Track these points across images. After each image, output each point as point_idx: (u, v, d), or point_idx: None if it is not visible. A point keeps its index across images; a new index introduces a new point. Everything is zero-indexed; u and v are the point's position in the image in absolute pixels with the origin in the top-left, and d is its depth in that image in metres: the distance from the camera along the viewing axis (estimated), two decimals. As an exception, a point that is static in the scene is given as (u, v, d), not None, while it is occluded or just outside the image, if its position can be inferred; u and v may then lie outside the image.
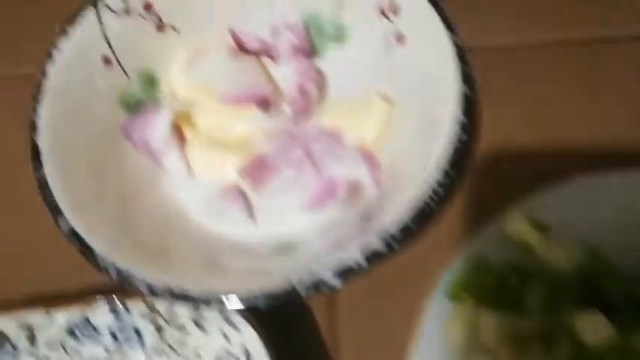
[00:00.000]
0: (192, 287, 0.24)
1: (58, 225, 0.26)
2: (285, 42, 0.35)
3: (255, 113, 0.32)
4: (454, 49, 0.28)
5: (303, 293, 0.23)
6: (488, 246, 0.30)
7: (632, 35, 0.38)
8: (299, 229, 0.30)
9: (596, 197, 0.31)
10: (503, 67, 0.37)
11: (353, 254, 0.23)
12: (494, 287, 0.28)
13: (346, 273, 0.23)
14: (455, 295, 0.28)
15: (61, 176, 0.27)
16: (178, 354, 0.26)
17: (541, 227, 0.28)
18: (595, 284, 0.27)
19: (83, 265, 0.27)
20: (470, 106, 0.26)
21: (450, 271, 0.29)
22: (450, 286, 0.28)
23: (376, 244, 0.23)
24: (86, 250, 0.25)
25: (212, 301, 0.23)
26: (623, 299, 0.26)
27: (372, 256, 0.23)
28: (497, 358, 0.26)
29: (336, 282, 0.23)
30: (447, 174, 0.25)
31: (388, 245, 0.23)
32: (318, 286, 0.23)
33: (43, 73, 0.29)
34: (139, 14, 0.33)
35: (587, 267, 0.27)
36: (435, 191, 0.25)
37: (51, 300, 0.27)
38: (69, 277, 0.30)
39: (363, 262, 0.23)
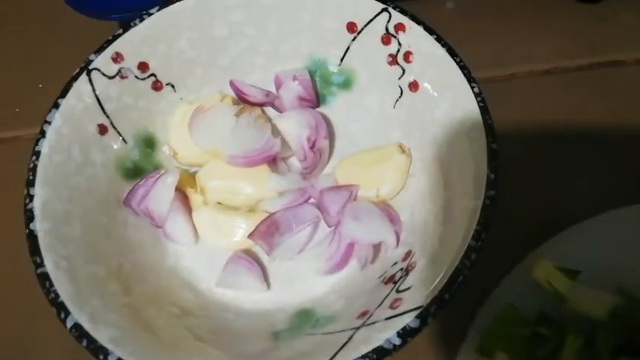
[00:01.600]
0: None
1: (64, 323, 0.24)
2: (291, 93, 0.33)
3: (265, 174, 0.31)
4: (476, 99, 0.27)
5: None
6: (515, 295, 0.29)
7: (636, 58, 0.38)
8: (317, 293, 0.29)
9: (622, 234, 0.30)
10: (512, 96, 0.36)
11: (386, 333, 0.22)
12: (527, 340, 0.27)
13: (382, 354, 0.22)
14: (486, 350, 0.27)
15: (61, 268, 0.25)
16: None
17: (570, 274, 0.27)
18: (631, 329, 0.26)
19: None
20: (495, 159, 0.25)
21: (477, 323, 0.28)
22: (480, 340, 0.27)
23: (410, 320, 0.22)
24: (95, 347, 0.23)
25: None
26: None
27: (407, 334, 0.22)
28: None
29: (370, 365, 0.21)
30: (478, 236, 0.24)
31: (423, 321, 0.22)
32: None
33: (36, 153, 0.27)
34: (134, 75, 0.32)
35: (621, 311, 0.26)
36: (467, 256, 0.23)
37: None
38: None
39: (398, 342, 0.22)
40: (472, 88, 0.28)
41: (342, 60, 0.33)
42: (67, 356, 0.30)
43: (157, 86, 0.32)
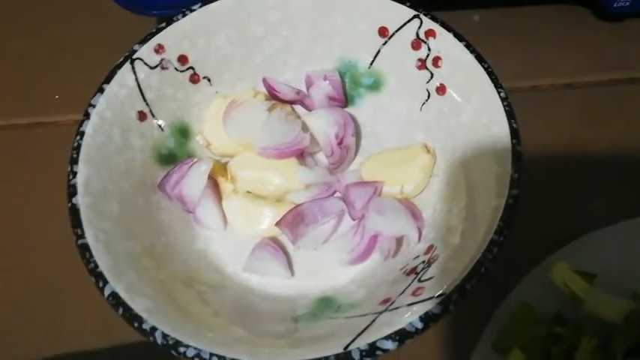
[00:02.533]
0: (244, 356, 0.23)
1: (102, 291, 0.25)
2: (321, 92, 0.35)
3: (294, 167, 0.32)
4: (502, 103, 0.28)
5: (358, 358, 0.22)
6: (533, 294, 0.29)
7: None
8: (339, 283, 0.30)
9: (635, 242, 0.31)
10: (533, 108, 0.38)
11: (409, 317, 0.23)
12: (543, 338, 0.27)
13: (404, 337, 0.22)
14: (502, 346, 0.27)
15: (101, 240, 0.26)
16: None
17: (587, 277, 0.28)
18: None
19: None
20: (520, 162, 0.26)
21: (494, 321, 0.29)
22: (497, 337, 0.28)
23: (432, 306, 0.23)
24: (131, 315, 0.24)
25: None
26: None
27: (429, 318, 0.23)
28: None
29: (392, 346, 0.22)
30: (501, 231, 0.25)
31: (445, 307, 0.23)
32: (373, 351, 0.22)
33: (80, 133, 0.29)
34: (174, 67, 0.33)
35: (637, 316, 0.27)
36: (490, 250, 0.24)
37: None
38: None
39: (420, 326, 0.23)
40: (499, 93, 0.29)
41: (372, 63, 0.35)
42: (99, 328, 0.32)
43: (194, 79, 0.34)
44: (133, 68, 0.32)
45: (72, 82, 0.36)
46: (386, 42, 0.34)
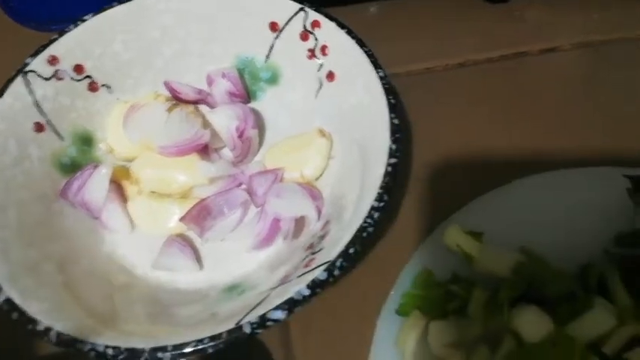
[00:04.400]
0: (140, 344, 0.23)
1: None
2: (221, 89, 0.36)
3: (196, 162, 0.33)
4: (380, 82, 0.30)
5: (249, 331, 0.23)
6: (430, 259, 0.31)
7: (542, 48, 0.42)
8: (247, 270, 0.31)
9: (522, 200, 0.33)
10: (429, 88, 0.40)
11: (297, 287, 0.24)
12: (440, 298, 0.29)
13: (292, 305, 0.23)
14: (403, 310, 0.29)
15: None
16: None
17: (476, 236, 0.30)
18: (530, 283, 0.28)
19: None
20: (398, 133, 0.28)
21: (397, 288, 0.30)
22: (398, 303, 0.29)
23: (318, 273, 0.24)
24: (25, 318, 0.24)
25: (159, 355, 0.23)
26: (555, 293, 0.27)
27: (316, 285, 0.24)
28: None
29: (281, 315, 0.23)
30: (381, 197, 0.26)
31: (330, 273, 0.24)
32: (264, 322, 0.23)
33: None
34: (70, 77, 0.34)
35: (523, 267, 0.29)
36: (370, 216, 0.26)
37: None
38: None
39: (307, 293, 0.24)
40: (378, 72, 0.30)
41: (267, 57, 0.36)
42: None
43: (93, 87, 0.35)
44: (27, 81, 0.32)
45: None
46: (277, 36, 0.35)
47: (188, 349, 0.23)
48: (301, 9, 0.34)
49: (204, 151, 0.34)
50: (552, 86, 0.40)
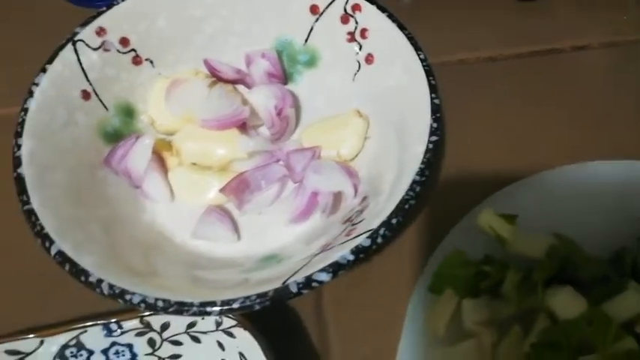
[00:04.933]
0: (186, 298, 0.24)
1: (48, 251, 0.26)
2: (260, 69, 0.37)
3: (236, 137, 0.34)
4: (421, 64, 0.30)
5: (295, 290, 0.24)
6: (463, 240, 0.31)
7: (572, 45, 0.43)
8: (283, 242, 0.32)
9: (555, 189, 0.33)
10: (461, 80, 0.40)
11: (341, 252, 0.25)
12: (472, 278, 0.29)
13: (337, 268, 0.24)
14: (436, 288, 0.29)
15: (47, 206, 0.27)
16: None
17: (509, 219, 0.30)
18: (564, 266, 0.29)
19: (77, 296, 0.27)
20: (438, 113, 0.28)
21: (430, 267, 0.31)
22: (430, 280, 0.30)
23: (362, 240, 0.25)
24: (77, 270, 0.25)
25: (208, 309, 0.24)
26: (589, 276, 0.28)
27: (359, 251, 0.25)
28: (480, 341, 0.27)
29: (326, 277, 0.24)
30: (422, 172, 0.27)
31: (374, 240, 0.25)
32: (309, 283, 0.24)
33: (24, 110, 0.30)
34: (116, 49, 0.34)
35: (556, 250, 0.29)
36: (412, 189, 0.26)
37: (45, 328, 0.27)
38: (64, 310, 0.30)
39: (351, 257, 0.24)
40: (418, 55, 0.31)
41: (306, 40, 0.37)
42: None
43: (137, 61, 0.35)
44: (76, 49, 0.33)
45: (20, 73, 0.36)
46: (317, 19, 0.36)
47: (236, 305, 0.23)
48: (343, -8, 0.35)
49: (244, 127, 0.34)
50: (582, 82, 0.41)
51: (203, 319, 0.26)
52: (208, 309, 0.23)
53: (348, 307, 0.31)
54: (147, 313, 0.26)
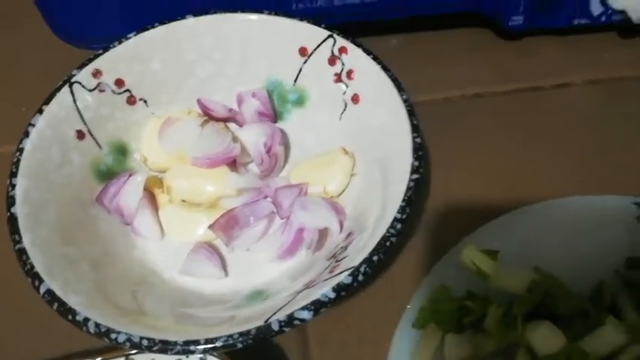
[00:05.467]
0: (173, 337, 0.25)
1: (38, 290, 0.26)
2: (251, 108, 0.38)
3: (225, 174, 0.35)
4: (404, 104, 0.32)
5: (277, 328, 0.24)
6: (447, 276, 0.32)
7: (555, 84, 0.44)
8: (270, 278, 0.32)
9: (536, 225, 0.34)
10: (447, 117, 0.42)
11: (322, 290, 0.25)
12: (456, 313, 0.30)
13: (318, 306, 0.25)
14: (420, 324, 0.30)
15: (37, 245, 0.28)
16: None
17: (491, 254, 0.31)
18: (544, 300, 0.29)
19: (68, 334, 0.28)
20: (420, 151, 0.29)
21: (414, 303, 0.31)
22: (415, 316, 0.30)
23: (343, 277, 0.26)
24: (65, 309, 0.26)
25: (191, 347, 0.24)
26: (568, 311, 0.28)
27: (340, 288, 0.25)
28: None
29: (308, 315, 0.24)
30: (403, 210, 0.28)
31: (355, 278, 0.26)
32: (291, 321, 0.24)
33: (19, 150, 0.31)
34: (111, 90, 0.36)
35: (536, 285, 0.30)
36: (393, 226, 0.27)
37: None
38: (55, 346, 0.30)
39: (332, 295, 0.25)
40: (401, 96, 0.32)
41: (295, 80, 0.38)
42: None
43: (131, 101, 0.37)
44: (72, 91, 0.34)
45: (16, 114, 0.37)
46: (306, 60, 0.37)
47: (219, 344, 0.24)
48: (330, 35, 0.36)
49: (233, 164, 0.36)
50: (565, 119, 0.42)
51: (187, 357, 0.27)
52: (192, 347, 0.24)
53: (333, 344, 0.31)
54: (133, 352, 0.27)
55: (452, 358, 0.28)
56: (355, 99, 0.36)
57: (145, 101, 0.37)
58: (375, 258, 0.26)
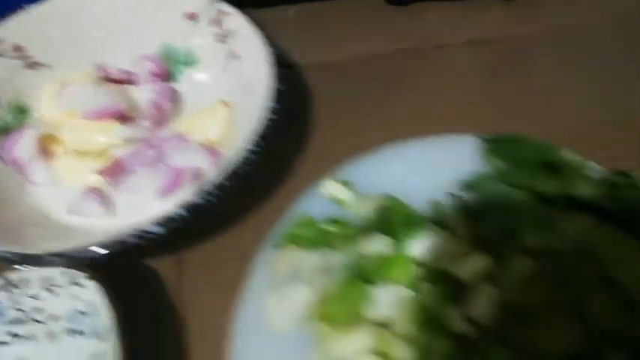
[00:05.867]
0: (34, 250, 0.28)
1: None
2: (145, 70, 0.41)
3: (114, 126, 0.38)
4: (268, 58, 0.36)
5: (130, 240, 0.28)
6: (309, 206, 0.36)
7: (435, 44, 0.48)
8: (153, 215, 0.36)
9: (399, 163, 0.38)
10: (334, 78, 0.46)
11: (175, 208, 0.29)
12: (313, 235, 0.33)
13: (167, 222, 0.28)
14: (280, 245, 0.33)
15: None
16: (37, 321, 0.30)
17: (346, 184, 0.35)
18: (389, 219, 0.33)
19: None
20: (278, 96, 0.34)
21: (277, 228, 0.35)
22: (276, 239, 0.34)
23: (195, 198, 0.29)
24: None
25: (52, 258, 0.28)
26: (410, 227, 0.32)
27: (190, 207, 0.29)
28: (313, 285, 0.31)
29: (158, 229, 0.28)
30: (257, 143, 0.32)
31: (204, 199, 0.29)
32: (143, 234, 0.28)
33: None
34: (10, 56, 0.39)
35: (383, 209, 0.34)
36: (246, 157, 0.31)
37: None
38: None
39: (183, 213, 0.29)
40: (267, 51, 0.36)
41: (185, 42, 0.42)
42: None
43: (30, 65, 0.40)
44: (-29, 56, 0.37)
45: None
46: (194, 24, 0.41)
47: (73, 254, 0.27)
48: (212, 1, 0.40)
49: (122, 117, 0.39)
50: (443, 77, 0.46)
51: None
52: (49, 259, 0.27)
53: (205, 268, 0.35)
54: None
55: (306, 271, 0.32)
56: (234, 56, 0.39)
57: (45, 65, 0.41)
58: (225, 182, 0.30)
